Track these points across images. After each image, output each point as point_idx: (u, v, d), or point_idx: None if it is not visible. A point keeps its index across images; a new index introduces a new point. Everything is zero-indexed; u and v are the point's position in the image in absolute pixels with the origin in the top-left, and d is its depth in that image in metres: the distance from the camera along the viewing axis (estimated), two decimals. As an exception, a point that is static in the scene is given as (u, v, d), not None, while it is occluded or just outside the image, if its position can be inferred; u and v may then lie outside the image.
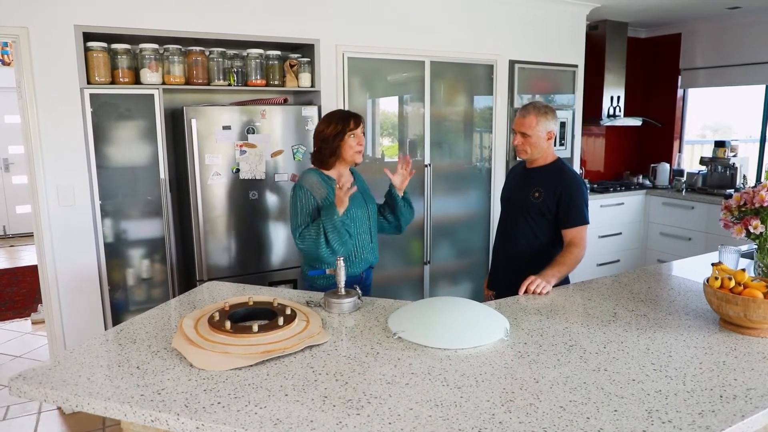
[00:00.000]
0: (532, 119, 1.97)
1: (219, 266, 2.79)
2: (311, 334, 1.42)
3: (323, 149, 1.95)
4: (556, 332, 1.48)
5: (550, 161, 2.05)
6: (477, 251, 3.77)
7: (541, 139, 1.99)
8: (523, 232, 2.05)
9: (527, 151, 2.01)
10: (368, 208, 2.06)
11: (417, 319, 1.47)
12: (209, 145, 2.69)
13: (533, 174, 2.06)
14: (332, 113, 2.00)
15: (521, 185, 2.09)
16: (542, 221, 2.00)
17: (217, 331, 1.39)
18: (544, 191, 1.99)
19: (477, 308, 1.55)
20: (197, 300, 1.76)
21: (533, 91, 3.81)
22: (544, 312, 1.64)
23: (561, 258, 1.89)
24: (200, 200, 2.69)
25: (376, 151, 3.43)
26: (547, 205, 1.98)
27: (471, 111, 3.66)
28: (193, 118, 2.62)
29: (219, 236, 2.78)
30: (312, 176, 1.96)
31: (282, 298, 1.68)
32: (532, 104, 2.01)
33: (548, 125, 1.99)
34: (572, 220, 1.95)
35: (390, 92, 3.43)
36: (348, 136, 1.95)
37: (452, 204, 3.62)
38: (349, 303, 1.63)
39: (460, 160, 3.69)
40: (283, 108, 2.88)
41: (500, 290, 2.13)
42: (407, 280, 3.56)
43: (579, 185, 1.99)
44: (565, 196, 1.95)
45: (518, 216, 2.07)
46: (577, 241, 1.93)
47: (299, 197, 1.92)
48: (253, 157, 2.79)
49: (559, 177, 1.99)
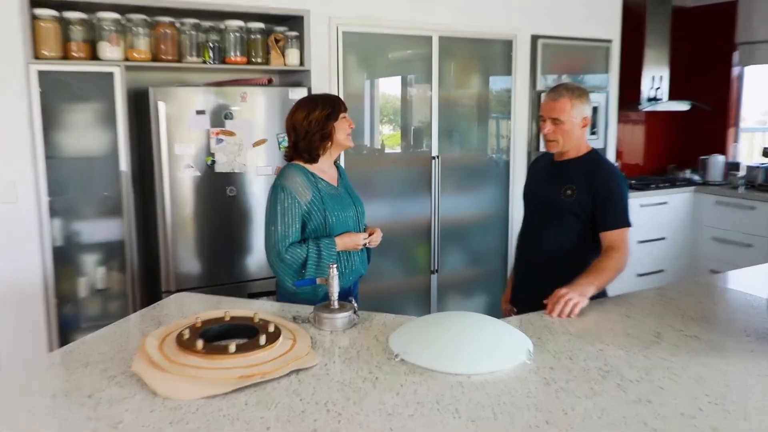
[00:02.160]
0: (565, 102, 1.95)
1: (189, 275, 2.78)
2: (298, 356, 1.40)
3: (311, 138, 1.95)
4: (588, 355, 1.46)
5: (583, 152, 2.03)
6: (493, 258, 3.76)
7: (575, 127, 1.97)
8: (552, 234, 2.03)
9: (559, 141, 1.99)
10: (356, 209, 2.07)
11: (423, 338, 1.46)
12: (180, 132, 2.67)
13: (564, 168, 2.04)
14: (310, 98, 2.02)
15: (549, 181, 2.07)
16: (575, 222, 1.99)
17: (187, 352, 1.38)
18: (578, 188, 1.97)
19: (494, 326, 1.53)
20: (163, 315, 1.74)
21: (559, 71, 3.81)
22: (574, 331, 1.62)
23: (600, 263, 1.87)
24: (168, 197, 2.67)
25: (375, 141, 3.41)
26: (581, 204, 1.96)
27: (486, 94, 3.65)
28: (161, 101, 2.60)
29: (190, 239, 2.77)
30: (296, 175, 1.94)
31: (264, 313, 1.67)
32: (563, 86, 2.00)
33: (583, 110, 1.98)
34: (612, 221, 1.94)
35: (392, 72, 3.42)
36: (341, 117, 1.98)
37: (464, 202, 3.61)
38: (343, 318, 1.62)
39: (474, 152, 3.68)
40: (266, 90, 2.87)
41: (522, 304, 2.10)
42: (411, 291, 3.55)
43: (619, 180, 1.97)
44: (603, 194, 1.94)
45: (546, 216, 2.05)
46: (619, 245, 1.91)
47: (281, 200, 1.91)
48: (232, 147, 2.78)
49: (594, 171, 1.98)
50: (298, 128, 1.97)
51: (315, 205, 1.93)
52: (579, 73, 3.92)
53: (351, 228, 2.02)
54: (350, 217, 2.03)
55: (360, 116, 3.28)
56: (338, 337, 1.57)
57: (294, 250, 1.90)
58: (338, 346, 1.52)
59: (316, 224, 1.94)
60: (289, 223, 1.90)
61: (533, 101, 3.73)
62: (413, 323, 1.58)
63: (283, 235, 1.89)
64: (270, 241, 1.92)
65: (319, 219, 1.94)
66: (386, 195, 3.37)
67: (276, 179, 1.98)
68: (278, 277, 1.95)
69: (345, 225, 2.00)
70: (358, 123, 3.28)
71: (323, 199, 1.94)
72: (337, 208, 1.97)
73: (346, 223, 2.00)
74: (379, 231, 2.08)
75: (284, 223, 1.90)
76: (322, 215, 1.94)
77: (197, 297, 1.91)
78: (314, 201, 1.93)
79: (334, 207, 1.97)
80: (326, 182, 1.99)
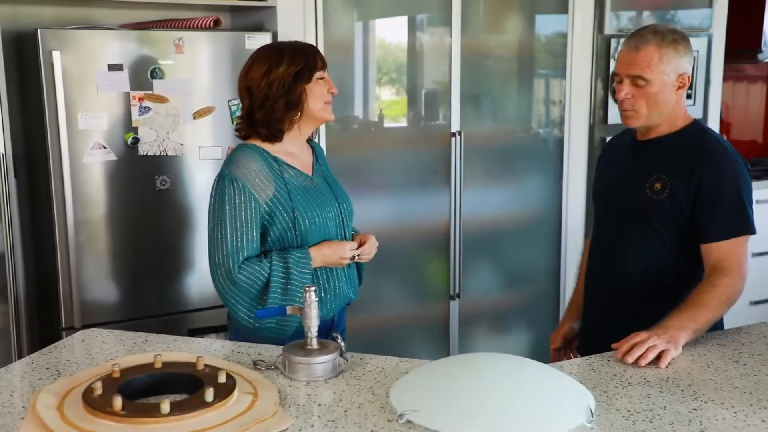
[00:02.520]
0: (652, 53, 1.94)
1: (102, 304, 2.78)
2: (261, 417, 1.41)
3: (271, 106, 1.96)
4: (676, 416, 1.47)
5: (680, 126, 2.03)
6: (539, 278, 3.78)
7: (667, 89, 1.97)
8: (635, 249, 2.04)
9: (641, 111, 1.98)
10: (340, 207, 2.08)
11: (439, 392, 1.47)
12: (84, 96, 2.68)
13: (651, 149, 2.05)
14: (273, 48, 2.04)
15: (630, 170, 2.08)
16: (669, 231, 1.99)
17: (100, 415, 1.38)
18: (672, 180, 1.96)
19: (541, 373, 1.54)
20: (63, 361, 1.74)
21: (639, 6, 3.82)
22: (655, 381, 1.63)
23: (697, 296, 1.86)
24: (69, 192, 2.68)
25: (369, 112, 3.43)
26: (678, 203, 1.96)
27: (530, 42, 3.66)
28: (55, 50, 2.60)
29: (102, 253, 2.78)
30: (251, 160, 1.95)
31: (212, 357, 1.67)
32: (649, 28, 2.00)
33: (680, 63, 1.97)
34: (720, 228, 1.92)
35: (395, 10, 3.43)
36: (317, 78, 1.98)
37: (497, 199, 3.63)
38: (324, 363, 1.62)
39: (511, 126, 3.69)
40: (212, 35, 2.87)
41: (587, 344, 2.12)
42: (422, 325, 3.57)
43: (734, 167, 1.96)
44: (710, 186, 1.93)
45: (625, 223, 2.06)
46: (729, 265, 1.90)
47: (230, 197, 1.91)
48: (163, 119, 2.79)
49: (697, 152, 1.97)
50: (254, 92, 1.97)
51: (279, 203, 1.94)
52: (668, 9, 3.91)
53: (332, 235, 2.03)
54: (331, 219, 2.04)
55: (347, 76, 3.29)
56: (318, 390, 1.57)
57: (251, 267, 1.91)
58: (318, 402, 1.52)
59: (282, 230, 1.96)
60: (243, 229, 1.91)
61: (600, 51, 3.74)
62: (425, 370, 1.59)
63: (234, 247, 1.90)
64: (216, 256, 1.92)
65: (285, 223, 1.95)
66: (386, 188, 3.39)
67: (223, 167, 1.99)
68: (229, 306, 1.96)
69: (324, 231, 2.01)
70: (345, 85, 3.28)
71: (291, 195, 1.96)
72: (311, 207, 1.98)
73: (324, 227, 2.01)
74: (372, 239, 2.09)
75: (235, 230, 1.90)
76: (290, 217, 1.95)
77: (114, 335, 1.91)
78: (278, 197, 1.94)
79: (308, 205, 1.98)
80: (296, 170, 2.01)
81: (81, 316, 2.74)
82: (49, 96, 2.63)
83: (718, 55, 4.05)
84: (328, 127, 3.14)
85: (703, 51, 3.99)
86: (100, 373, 1.55)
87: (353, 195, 2.17)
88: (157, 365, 1.58)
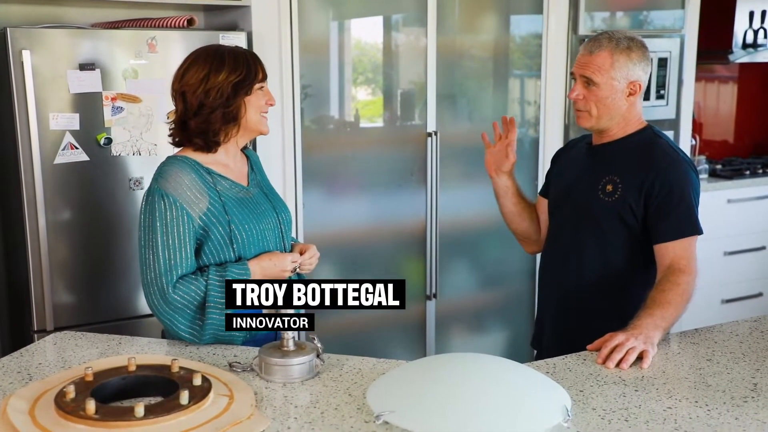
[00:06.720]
0: (604, 57, 1.99)
1: (74, 306, 2.77)
2: (237, 420, 1.41)
3: (208, 116, 1.88)
4: (651, 415, 1.48)
5: (632, 131, 2.07)
6: (516, 277, 3.80)
7: (616, 94, 2.00)
8: (589, 249, 2.07)
9: (591, 112, 2.02)
10: (279, 217, 2.05)
11: (416, 392, 1.47)
12: (55, 97, 2.67)
13: (604, 153, 2.08)
14: (213, 51, 1.93)
15: (583, 173, 2.11)
16: (620, 232, 2.03)
17: (73, 419, 1.37)
18: (623, 182, 2.00)
19: (517, 373, 1.55)
20: (34, 365, 1.73)
21: (613, 7, 3.85)
22: (630, 380, 1.65)
23: (662, 294, 1.88)
24: (40, 193, 2.66)
25: (345, 112, 3.42)
26: (629, 204, 1.99)
27: (506, 42, 3.68)
28: (26, 49, 2.59)
29: (74, 254, 2.76)
30: (182, 173, 1.87)
31: (186, 359, 1.67)
32: (606, 34, 2.04)
33: (631, 70, 2.00)
34: (673, 228, 1.96)
35: (370, 10, 3.43)
36: (256, 89, 1.92)
37: (474, 199, 3.63)
38: (301, 365, 1.63)
39: (487, 126, 3.62)
40: (186, 34, 2.87)
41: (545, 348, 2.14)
42: (398, 325, 3.57)
43: (684, 170, 2.01)
44: (660, 188, 1.96)
45: (579, 224, 2.09)
46: (686, 263, 1.93)
47: (161, 213, 1.84)
48: (136, 119, 2.78)
49: (648, 156, 2.01)
50: (188, 98, 1.88)
51: (214, 217, 1.87)
52: (642, 9, 3.94)
53: (271, 247, 1.98)
54: (269, 230, 1.99)
55: (323, 76, 3.29)
56: (294, 392, 1.57)
57: (185, 287, 1.83)
58: (294, 404, 1.53)
59: (218, 245, 1.88)
60: (176, 246, 1.83)
61: (574, 51, 3.75)
62: (401, 371, 1.59)
63: (167, 265, 1.82)
64: (148, 275, 1.85)
65: (221, 237, 1.88)
66: (362, 189, 3.38)
67: (152, 181, 1.90)
68: (166, 326, 1.89)
69: (262, 243, 1.96)
70: (320, 86, 3.29)
71: (226, 207, 1.89)
72: (248, 219, 1.92)
73: (262, 239, 1.96)
74: (313, 248, 2.05)
75: (168, 248, 1.83)
76: (225, 231, 1.88)
77: (86, 338, 1.90)
78: (212, 211, 1.88)
79: (244, 217, 1.92)
80: (230, 181, 1.94)
81: (53, 319, 2.72)
82: (19, 96, 2.62)
83: (690, 55, 4.10)
84: (304, 126, 3.14)
85: (675, 52, 4.03)
86: (73, 377, 1.55)
87: (330, 194, 2.16)
88: (131, 368, 1.57)
